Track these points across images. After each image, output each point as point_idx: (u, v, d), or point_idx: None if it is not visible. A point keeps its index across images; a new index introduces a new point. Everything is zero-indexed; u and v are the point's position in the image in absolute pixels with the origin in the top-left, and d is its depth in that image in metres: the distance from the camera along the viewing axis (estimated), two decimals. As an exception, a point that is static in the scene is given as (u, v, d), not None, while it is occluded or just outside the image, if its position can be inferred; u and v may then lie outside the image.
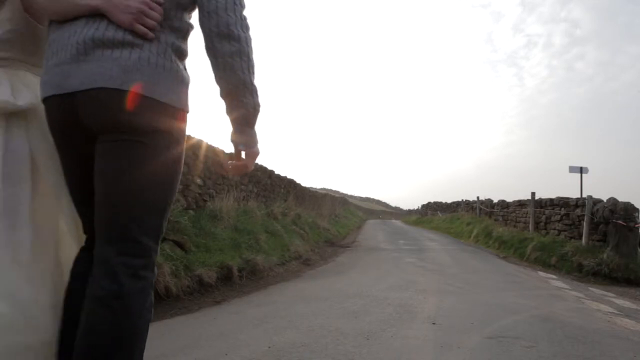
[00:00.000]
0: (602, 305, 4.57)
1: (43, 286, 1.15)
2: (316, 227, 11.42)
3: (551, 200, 10.14)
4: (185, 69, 1.21)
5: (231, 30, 1.14)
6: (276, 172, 11.74)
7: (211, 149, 7.13)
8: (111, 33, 1.07)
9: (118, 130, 1.08)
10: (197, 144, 6.56)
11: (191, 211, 5.93)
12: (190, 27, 1.23)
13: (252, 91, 1.20)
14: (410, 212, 43.09)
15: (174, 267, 4.03)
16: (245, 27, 1.18)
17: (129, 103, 1.06)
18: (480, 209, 16.21)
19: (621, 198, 8.07)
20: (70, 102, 1.08)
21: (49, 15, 1.17)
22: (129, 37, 1.08)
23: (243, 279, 4.98)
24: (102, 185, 1.11)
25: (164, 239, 4.58)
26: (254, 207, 7.93)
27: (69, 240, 1.26)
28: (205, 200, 6.70)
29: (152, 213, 1.14)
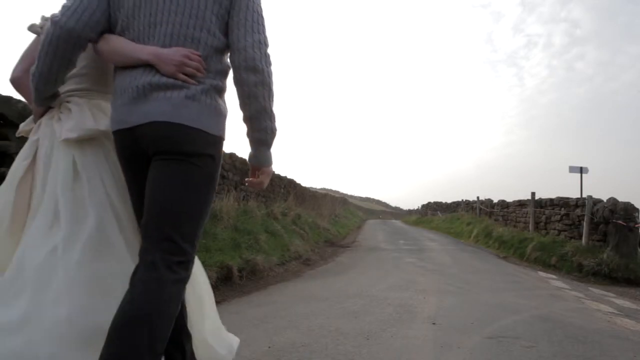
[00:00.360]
0: (602, 305, 4.57)
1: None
2: (316, 227, 11.41)
3: (551, 200, 10.14)
4: (224, 102, 1.45)
5: (256, 64, 1.38)
6: (276, 172, 11.75)
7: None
8: (163, 79, 1.34)
9: (168, 153, 1.33)
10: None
11: (191, 211, 5.93)
12: (228, 67, 1.46)
13: (271, 117, 1.44)
14: (410, 212, 43.08)
15: (174, 267, 4.03)
16: (268, 63, 1.41)
17: (177, 133, 1.32)
18: (480, 209, 16.21)
19: (621, 198, 8.07)
20: (132, 134, 1.35)
21: (111, 62, 1.45)
22: (177, 82, 1.34)
23: (243, 279, 4.98)
24: (150, 194, 1.34)
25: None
26: (254, 207, 7.93)
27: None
28: (205, 200, 6.71)
29: (190, 221, 1.34)
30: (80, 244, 1.38)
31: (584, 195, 9.08)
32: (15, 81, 1.61)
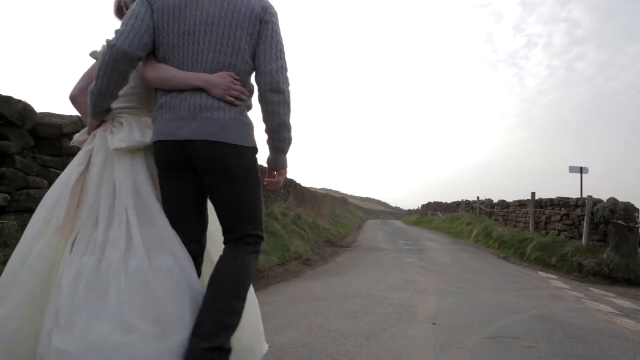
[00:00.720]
0: (602, 305, 4.57)
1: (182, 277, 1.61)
2: (316, 227, 11.41)
3: (551, 200, 10.14)
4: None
5: (279, 86, 1.66)
6: (276, 172, 11.73)
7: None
8: (210, 102, 1.61)
9: (220, 168, 1.63)
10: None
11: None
12: (253, 87, 1.74)
13: (288, 129, 1.75)
14: (410, 212, 43.04)
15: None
16: (288, 84, 1.71)
17: (226, 150, 1.61)
18: (480, 209, 16.21)
19: (621, 198, 8.07)
20: (182, 146, 1.60)
21: (157, 86, 1.68)
22: (222, 104, 1.62)
23: (243, 279, 4.98)
24: (220, 200, 1.70)
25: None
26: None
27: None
28: (205, 200, 6.71)
29: (255, 214, 1.74)
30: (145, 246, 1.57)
31: (584, 195, 9.08)
32: (73, 98, 1.86)
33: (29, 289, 1.52)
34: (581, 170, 11.06)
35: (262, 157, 1.83)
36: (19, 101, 3.34)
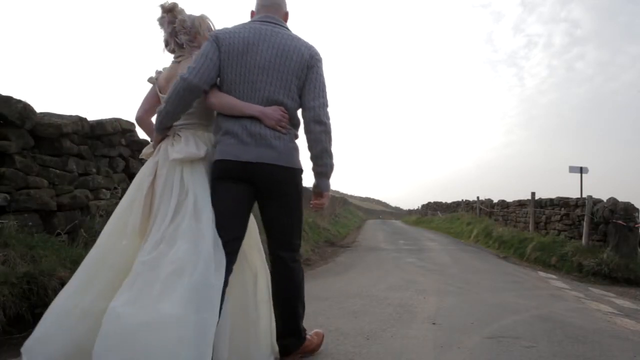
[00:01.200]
0: (602, 305, 4.57)
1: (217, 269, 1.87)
2: (316, 227, 11.41)
3: (551, 200, 10.13)
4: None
5: (322, 119, 2.01)
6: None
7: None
8: (266, 130, 1.96)
9: (274, 184, 2.01)
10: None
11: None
12: (300, 120, 2.10)
13: (330, 156, 2.08)
14: (410, 212, 43.00)
15: (174, 267, 4.03)
16: (328, 118, 2.05)
17: (281, 171, 1.99)
18: (480, 209, 16.21)
19: (621, 198, 8.06)
20: (244, 166, 1.94)
21: (217, 111, 2.04)
22: (275, 133, 1.97)
23: (243, 279, 4.97)
24: (273, 216, 2.11)
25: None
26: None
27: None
28: (205, 200, 6.70)
29: (297, 229, 2.16)
30: (195, 242, 1.83)
31: (584, 195, 9.07)
32: (139, 120, 2.28)
33: (109, 279, 1.85)
34: (581, 170, 11.06)
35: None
36: (19, 101, 3.33)
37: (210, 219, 1.89)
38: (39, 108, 3.62)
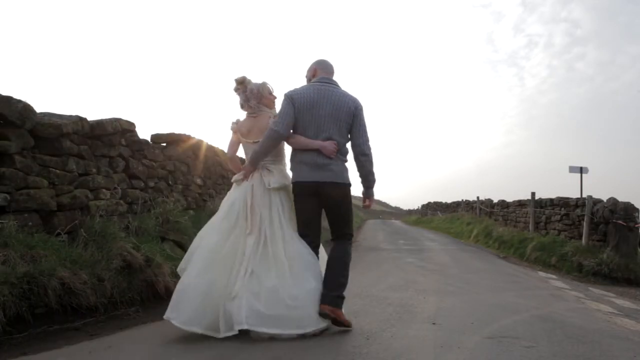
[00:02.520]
0: (602, 305, 4.57)
1: (307, 259, 2.88)
2: (316, 227, 11.37)
3: (551, 200, 10.13)
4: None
5: (365, 151, 2.96)
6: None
7: (211, 149, 7.13)
8: (325, 159, 2.84)
9: (334, 195, 2.89)
10: (197, 144, 6.55)
11: (191, 211, 5.92)
12: (348, 151, 2.98)
13: (373, 174, 3.04)
14: (410, 212, 43.00)
15: (174, 267, 4.02)
16: (370, 150, 2.97)
17: (337, 186, 2.88)
18: (480, 209, 16.21)
19: (621, 198, 8.06)
20: (316, 184, 2.85)
21: (295, 147, 2.95)
22: (332, 160, 2.84)
23: (243, 279, 4.98)
24: (333, 215, 2.99)
25: (164, 239, 4.58)
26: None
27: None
28: (205, 200, 6.70)
29: (350, 222, 3.04)
30: (286, 242, 2.86)
31: (584, 195, 9.07)
32: (231, 158, 3.22)
33: (227, 264, 2.76)
34: (581, 170, 11.05)
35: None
36: (19, 101, 3.33)
37: (293, 226, 2.95)
38: (39, 108, 3.62)
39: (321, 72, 3.02)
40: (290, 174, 3.04)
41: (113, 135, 4.44)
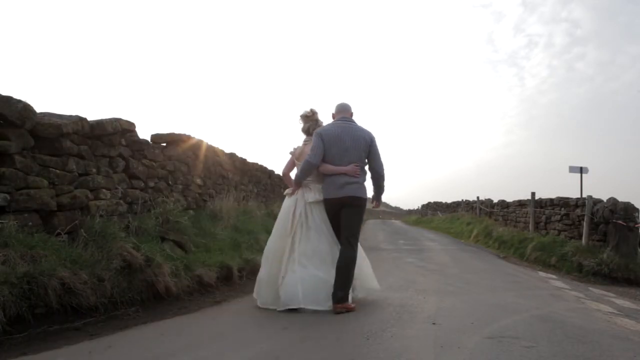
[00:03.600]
0: (602, 305, 4.57)
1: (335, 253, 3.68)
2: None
3: (551, 200, 10.13)
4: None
5: (381, 173, 3.89)
6: (276, 172, 11.73)
7: (211, 149, 7.13)
8: (349, 178, 3.68)
9: (352, 205, 3.70)
10: (197, 144, 6.55)
11: (191, 211, 5.92)
12: (366, 172, 3.84)
13: (383, 188, 4.00)
14: (410, 212, 42.96)
15: (174, 267, 4.03)
16: (384, 170, 3.90)
17: (355, 198, 3.70)
18: (480, 209, 16.21)
19: (621, 198, 8.06)
20: (339, 199, 3.68)
21: (324, 173, 3.79)
22: (353, 179, 3.69)
23: (243, 279, 4.98)
24: (346, 221, 3.69)
25: (164, 239, 4.57)
26: (253, 207, 7.93)
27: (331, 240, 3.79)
28: (205, 200, 6.70)
29: (358, 229, 3.79)
30: (321, 241, 3.73)
31: (584, 195, 9.07)
32: (285, 175, 4.16)
33: (279, 258, 3.68)
34: (581, 170, 11.06)
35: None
36: (19, 101, 3.33)
37: (329, 229, 3.79)
38: (39, 108, 3.61)
39: (341, 113, 3.86)
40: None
41: (113, 135, 4.43)
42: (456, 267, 7.16)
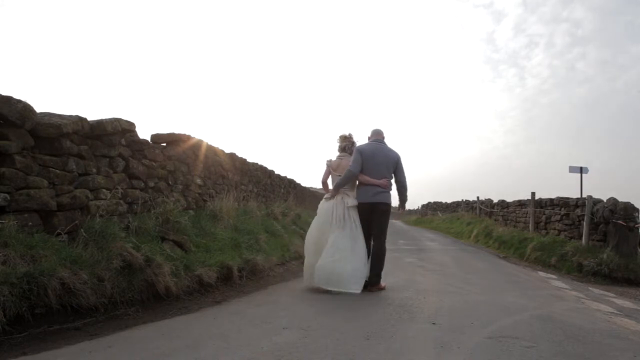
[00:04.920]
0: (602, 305, 4.57)
1: (363, 247, 4.68)
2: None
3: (551, 200, 10.13)
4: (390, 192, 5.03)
5: (405, 185, 5.00)
6: (276, 172, 11.73)
7: (211, 149, 7.12)
8: (381, 189, 4.75)
9: (382, 211, 4.78)
10: (197, 144, 6.55)
11: (191, 211, 5.92)
12: (392, 184, 4.91)
13: (406, 197, 5.13)
14: (410, 212, 42.91)
15: (174, 267, 4.02)
16: (406, 182, 4.99)
17: (384, 204, 4.79)
18: (480, 209, 16.21)
19: (621, 198, 8.06)
20: (371, 204, 4.73)
21: (362, 183, 4.83)
22: (383, 189, 4.78)
23: (243, 279, 4.98)
24: (377, 222, 4.78)
25: (164, 239, 4.57)
26: (254, 207, 7.92)
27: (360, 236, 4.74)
28: (205, 200, 6.70)
29: (386, 228, 4.89)
30: (353, 237, 4.63)
31: (584, 195, 9.07)
32: (323, 183, 5.12)
33: (320, 249, 4.60)
34: (581, 170, 11.05)
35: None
36: (19, 101, 3.33)
37: (360, 228, 4.67)
38: (39, 108, 3.61)
39: (376, 136, 4.97)
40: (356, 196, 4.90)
41: (113, 135, 4.43)
42: (456, 267, 7.16)
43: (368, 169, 4.69)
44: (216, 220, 6.14)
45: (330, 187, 4.99)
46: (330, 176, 5.00)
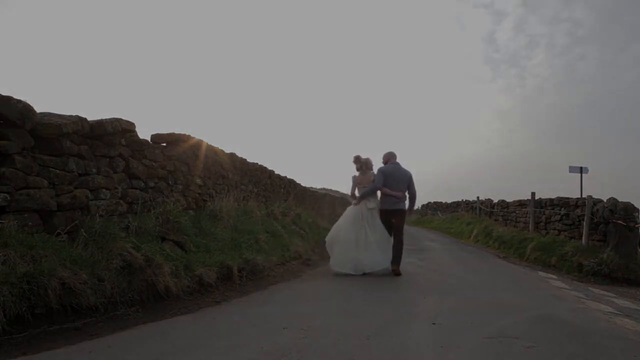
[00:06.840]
0: (602, 305, 4.57)
1: (389, 242, 6.35)
2: (316, 227, 11.40)
3: (551, 200, 10.13)
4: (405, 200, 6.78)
5: (415, 195, 6.74)
6: (276, 172, 11.72)
7: (211, 149, 7.12)
8: (397, 200, 6.45)
9: (400, 215, 6.52)
10: (197, 144, 6.55)
11: (191, 211, 5.92)
12: (406, 196, 6.64)
13: (415, 203, 6.95)
14: (410, 212, 42.87)
15: (174, 267, 4.03)
16: (416, 193, 6.75)
17: (401, 210, 6.52)
18: (480, 209, 16.21)
19: (621, 198, 8.06)
20: (392, 210, 6.45)
21: (384, 194, 6.54)
22: (400, 199, 6.53)
23: (243, 279, 4.98)
24: (396, 224, 6.46)
25: (164, 239, 4.57)
26: (254, 207, 7.92)
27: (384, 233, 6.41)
28: (205, 200, 6.70)
29: (402, 227, 6.60)
30: (376, 235, 6.25)
31: (584, 195, 9.07)
32: (351, 193, 6.82)
33: (352, 244, 6.15)
34: (581, 170, 11.06)
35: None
36: (19, 101, 3.33)
37: (383, 228, 6.29)
38: (39, 108, 3.61)
39: (392, 158, 6.52)
40: (378, 204, 6.44)
41: (113, 135, 4.43)
42: (456, 267, 7.16)
43: (388, 184, 6.31)
44: (216, 220, 6.14)
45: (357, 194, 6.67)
46: (357, 188, 6.62)
